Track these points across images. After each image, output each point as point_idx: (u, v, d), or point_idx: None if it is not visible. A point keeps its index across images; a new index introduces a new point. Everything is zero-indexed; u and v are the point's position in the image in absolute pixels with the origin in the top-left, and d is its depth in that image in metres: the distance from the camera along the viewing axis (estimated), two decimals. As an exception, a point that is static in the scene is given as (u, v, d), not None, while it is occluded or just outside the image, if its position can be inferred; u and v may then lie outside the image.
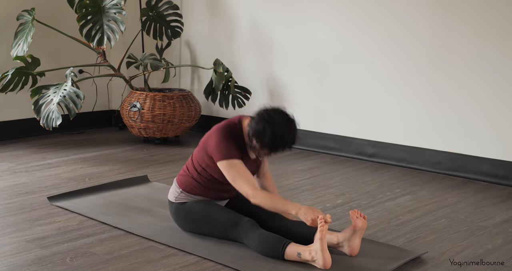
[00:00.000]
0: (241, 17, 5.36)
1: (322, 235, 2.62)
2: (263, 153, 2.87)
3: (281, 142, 2.76)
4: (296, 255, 2.69)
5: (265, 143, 2.77)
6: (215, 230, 2.93)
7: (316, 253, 2.64)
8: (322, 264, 2.63)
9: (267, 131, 2.74)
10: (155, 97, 4.99)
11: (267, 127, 2.75)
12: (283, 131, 2.75)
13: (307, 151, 5.05)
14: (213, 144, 2.87)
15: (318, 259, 2.64)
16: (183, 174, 3.05)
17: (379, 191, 3.94)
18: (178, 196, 3.03)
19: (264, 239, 2.76)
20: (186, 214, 2.99)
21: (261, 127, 2.76)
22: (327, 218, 2.65)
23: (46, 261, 2.70)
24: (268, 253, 2.74)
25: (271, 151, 2.81)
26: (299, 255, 2.68)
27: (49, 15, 5.30)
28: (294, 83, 5.11)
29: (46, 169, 4.32)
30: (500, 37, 4.05)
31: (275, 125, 2.75)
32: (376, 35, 4.60)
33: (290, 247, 2.71)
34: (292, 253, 2.70)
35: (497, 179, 4.16)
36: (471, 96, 4.22)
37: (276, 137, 2.74)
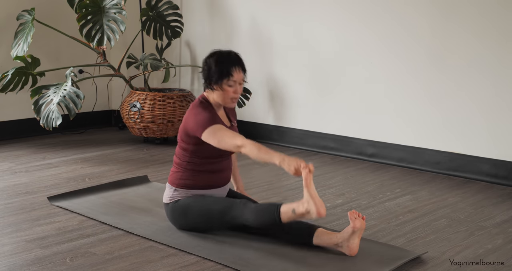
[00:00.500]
0: (241, 17, 5.36)
1: (307, 183, 2.64)
2: (227, 88, 2.95)
3: (226, 62, 2.94)
4: (291, 213, 2.71)
5: (216, 73, 2.93)
6: (213, 219, 2.94)
7: (308, 202, 2.65)
8: (316, 212, 2.64)
9: (211, 64, 2.96)
10: (155, 97, 4.99)
11: (210, 61, 2.97)
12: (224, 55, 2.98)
13: (307, 151, 5.05)
14: (191, 122, 2.96)
15: (311, 207, 2.64)
16: (173, 171, 3.09)
17: (379, 191, 3.95)
18: (172, 195, 3.05)
19: (258, 209, 2.80)
20: (182, 211, 3.00)
21: (206, 66, 2.98)
22: (310, 166, 2.64)
23: (46, 261, 2.70)
24: (265, 221, 2.77)
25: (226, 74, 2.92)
26: (294, 211, 2.70)
27: (49, 15, 5.30)
28: (294, 83, 5.11)
29: (46, 169, 4.32)
30: (500, 37, 4.05)
31: (215, 56, 2.98)
32: (375, 36, 4.60)
33: (284, 207, 2.74)
34: (287, 212, 2.72)
35: (497, 179, 4.16)
36: (471, 96, 4.22)
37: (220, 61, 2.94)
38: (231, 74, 2.94)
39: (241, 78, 2.99)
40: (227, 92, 2.96)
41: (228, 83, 2.95)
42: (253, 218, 2.81)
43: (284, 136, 5.22)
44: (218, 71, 2.94)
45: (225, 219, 2.91)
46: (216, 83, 2.95)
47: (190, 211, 2.98)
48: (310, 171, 2.64)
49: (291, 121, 5.18)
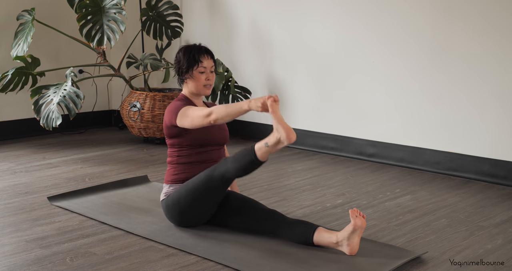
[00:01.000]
0: (241, 17, 5.36)
1: (273, 109, 2.68)
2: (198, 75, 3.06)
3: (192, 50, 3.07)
4: (265, 147, 2.75)
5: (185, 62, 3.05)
6: (201, 188, 2.95)
7: (277, 131, 2.70)
8: (286, 137, 2.68)
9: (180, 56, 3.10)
10: (155, 97, 4.99)
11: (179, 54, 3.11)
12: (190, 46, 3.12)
13: (307, 151, 5.05)
14: (166, 114, 3.07)
15: (281, 134, 2.69)
16: (167, 170, 3.17)
17: (379, 191, 3.95)
18: (167, 191, 3.11)
19: (236, 157, 2.86)
20: (173, 199, 3.04)
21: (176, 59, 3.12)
22: (274, 96, 2.69)
23: (46, 261, 2.70)
24: (245, 164, 2.82)
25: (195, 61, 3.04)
26: (266, 144, 2.75)
27: (49, 15, 5.30)
28: (294, 83, 5.11)
29: (46, 169, 4.32)
30: (500, 38, 4.06)
31: (183, 49, 3.12)
32: (375, 36, 4.60)
33: (257, 144, 2.79)
34: (260, 147, 2.77)
35: (497, 179, 4.16)
36: (471, 96, 4.22)
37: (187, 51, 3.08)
38: (200, 60, 3.06)
39: (211, 65, 3.11)
40: (199, 80, 3.08)
41: (198, 70, 3.07)
42: (236, 167, 2.85)
43: (284, 136, 5.21)
44: (187, 60, 3.07)
45: (213, 181, 2.93)
46: (187, 71, 3.08)
47: (181, 195, 3.02)
48: (275, 100, 2.69)
49: (291, 121, 5.17)
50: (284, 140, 2.69)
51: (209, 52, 3.13)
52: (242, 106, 2.77)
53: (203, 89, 3.10)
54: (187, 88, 3.14)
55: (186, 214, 3.04)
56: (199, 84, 3.09)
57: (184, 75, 3.10)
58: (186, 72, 3.08)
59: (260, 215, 2.97)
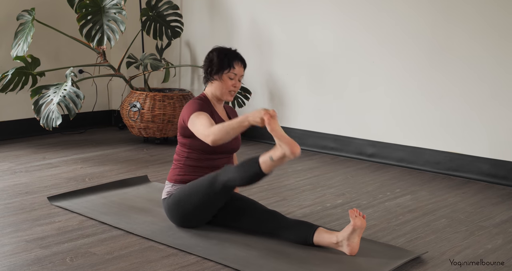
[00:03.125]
0: (241, 17, 5.36)
1: (272, 127, 2.66)
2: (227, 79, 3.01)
3: (228, 54, 3.03)
4: (270, 160, 2.72)
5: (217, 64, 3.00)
6: (203, 194, 2.94)
7: (280, 146, 2.68)
8: (290, 151, 2.66)
9: (213, 56, 3.04)
10: (155, 97, 4.99)
11: (212, 54, 3.06)
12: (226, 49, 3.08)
13: (307, 151, 5.05)
14: (184, 113, 3.02)
15: (285, 149, 2.66)
16: (172, 168, 3.15)
17: (379, 191, 3.95)
18: (170, 190, 3.09)
19: (240, 167, 2.83)
20: (174, 199, 3.03)
21: (208, 59, 3.07)
22: (270, 111, 2.67)
23: (46, 261, 2.70)
24: (249, 175, 2.79)
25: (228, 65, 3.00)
26: (271, 158, 2.72)
27: (49, 15, 5.30)
28: (294, 83, 5.11)
29: (46, 169, 4.32)
30: (499, 38, 4.06)
31: (217, 50, 3.08)
32: (375, 36, 4.60)
33: (262, 157, 2.76)
34: (265, 161, 2.74)
35: (497, 179, 4.16)
36: (471, 96, 4.22)
37: (222, 54, 3.04)
38: (233, 66, 3.02)
39: (241, 73, 3.07)
40: (226, 84, 3.03)
41: (228, 75, 3.03)
42: (239, 177, 2.83)
43: (284, 136, 5.21)
44: (220, 62, 3.02)
45: (214, 188, 2.91)
46: (216, 73, 3.03)
47: (182, 197, 3.00)
48: (271, 116, 2.67)
49: (291, 121, 5.18)
50: (289, 154, 2.67)
51: (243, 61, 3.09)
52: (242, 123, 2.73)
53: (227, 94, 3.06)
54: (210, 90, 3.09)
55: (187, 216, 3.04)
56: (225, 89, 3.04)
57: (213, 76, 3.05)
58: (215, 73, 3.03)
59: (260, 216, 2.97)
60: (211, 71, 3.05)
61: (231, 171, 2.87)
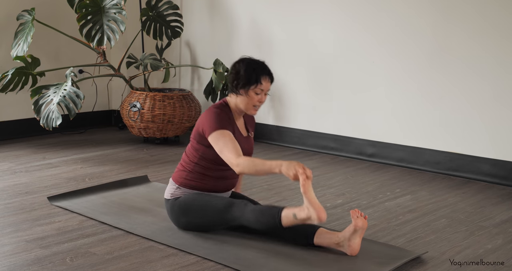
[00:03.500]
0: (241, 17, 5.36)
1: (305, 189, 2.63)
2: (253, 94, 2.93)
3: (256, 69, 2.94)
4: (292, 217, 2.71)
5: (244, 77, 2.91)
6: (212, 217, 2.93)
7: (307, 209, 2.65)
8: (316, 217, 2.64)
9: (240, 68, 2.95)
10: (155, 97, 4.99)
11: (240, 66, 2.97)
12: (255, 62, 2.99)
13: (307, 151, 5.05)
14: (203, 121, 2.95)
15: (311, 213, 2.64)
16: (179, 169, 3.08)
17: (379, 191, 3.95)
18: (174, 192, 3.06)
19: (260, 211, 2.79)
20: (181, 207, 3.00)
21: (235, 70, 2.97)
22: (307, 172, 2.62)
23: (46, 261, 2.70)
24: (266, 224, 2.77)
25: (255, 81, 2.91)
26: (295, 216, 2.70)
27: (49, 15, 5.30)
28: (294, 83, 5.11)
29: (46, 169, 4.32)
30: (500, 38, 4.06)
31: (245, 61, 2.98)
32: (375, 35, 4.60)
33: (285, 211, 2.73)
34: (288, 216, 2.72)
35: (497, 179, 4.16)
36: (471, 96, 4.22)
37: (250, 67, 2.94)
38: (260, 82, 2.92)
39: (268, 88, 2.97)
40: (252, 99, 2.95)
41: (255, 90, 2.94)
42: (254, 219, 2.81)
43: (284, 136, 5.22)
44: (248, 76, 2.92)
45: (225, 218, 2.91)
46: (243, 88, 2.93)
47: (190, 209, 2.98)
48: (308, 177, 2.62)
49: (291, 121, 5.18)
50: (315, 219, 2.65)
51: (271, 75, 2.99)
52: (272, 169, 2.69)
53: (251, 109, 2.98)
54: (234, 101, 2.99)
55: (190, 225, 3.03)
56: (249, 104, 2.96)
57: (238, 90, 2.95)
58: (241, 88, 2.93)
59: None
60: (237, 85, 2.95)
61: (249, 210, 2.83)
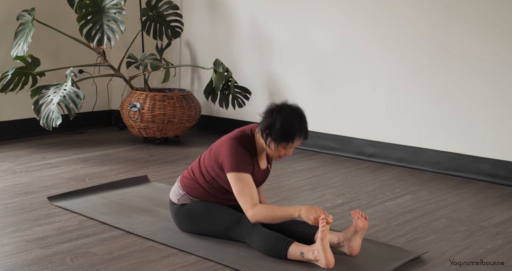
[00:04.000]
0: (241, 17, 5.36)
1: (323, 235, 2.62)
2: (281, 149, 2.80)
3: (293, 127, 2.74)
4: (299, 255, 2.69)
5: (278, 133, 2.74)
6: (217, 229, 2.93)
7: (318, 252, 2.64)
8: (325, 264, 2.64)
9: (277, 120, 2.74)
10: (155, 97, 4.99)
11: (277, 117, 2.75)
12: (293, 117, 2.77)
13: (307, 151, 5.05)
14: (224, 154, 2.83)
15: (321, 259, 2.64)
16: (188, 177, 3.01)
17: (379, 191, 3.95)
18: (181, 198, 3.02)
19: (267, 238, 2.75)
20: (187, 216, 2.99)
21: (271, 119, 2.76)
22: (328, 218, 2.63)
23: (46, 261, 2.70)
24: (270, 253, 2.74)
25: (287, 140, 2.75)
26: (302, 254, 2.68)
27: (49, 15, 5.30)
28: (294, 83, 5.11)
29: (46, 169, 4.32)
30: (500, 37, 4.05)
31: (284, 113, 2.76)
32: (375, 35, 4.60)
33: (293, 246, 2.70)
34: (295, 252, 2.70)
35: (497, 179, 4.16)
36: (471, 96, 4.22)
37: (287, 123, 2.74)
38: (293, 141, 2.77)
39: (299, 144, 2.84)
40: (279, 152, 2.84)
41: (285, 147, 2.81)
42: (258, 244, 2.78)
43: (284, 136, 5.21)
44: (281, 134, 2.75)
45: (230, 233, 2.90)
46: (273, 141, 2.79)
47: (196, 218, 2.97)
48: (328, 223, 2.63)
49: (291, 121, 5.17)
50: (323, 266, 2.65)
51: (306, 132, 2.80)
52: (291, 215, 2.69)
53: (276, 157, 2.87)
54: (261, 143, 2.85)
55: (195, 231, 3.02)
56: (275, 155, 2.85)
57: (268, 141, 2.79)
58: (272, 141, 2.78)
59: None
60: (268, 136, 2.78)
61: (256, 233, 2.79)
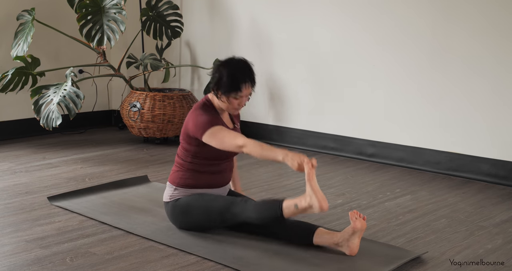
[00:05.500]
0: (241, 17, 5.36)
1: (310, 177, 2.66)
2: (233, 100, 2.93)
3: (238, 77, 2.90)
4: (294, 208, 2.72)
5: (225, 85, 2.89)
6: (212, 216, 2.94)
7: (310, 197, 2.67)
8: (318, 206, 2.66)
9: (223, 74, 2.91)
10: (155, 97, 4.99)
11: (223, 71, 2.92)
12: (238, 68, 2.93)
13: (307, 151, 5.05)
14: (192, 124, 2.96)
15: (313, 202, 2.66)
16: (174, 171, 3.10)
17: (379, 191, 3.95)
18: (172, 193, 3.06)
19: (260, 206, 2.82)
20: (182, 208, 3.01)
21: (218, 74, 2.93)
22: (313, 161, 2.66)
23: (46, 261, 2.70)
24: (267, 217, 2.77)
25: (235, 89, 2.89)
26: (296, 206, 2.72)
27: (49, 15, 5.30)
28: (294, 83, 5.11)
29: (46, 169, 4.32)
30: (500, 38, 4.05)
31: (228, 66, 2.93)
32: (375, 36, 4.60)
33: (286, 202, 2.75)
34: (289, 207, 2.73)
35: (497, 179, 4.16)
36: (471, 96, 4.22)
37: (232, 74, 2.90)
38: (240, 90, 2.92)
39: (249, 92, 2.98)
40: (232, 104, 2.96)
41: (235, 96, 2.93)
42: (255, 215, 2.82)
43: (284, 136, 5.22)
44: (228, 84, 2.90)
45: (225, 216, 2.92)
46: (223, 94, 2.93)
47: (190, 209, 2.99)
48: (313, 166, 2.65)
49: (291, 121, 5.18)
50: (316, 208, 2.67)
51: (253, 79, 2.96)
52: (276, 156, 2.71)
53: (232, 111, 3.01)
54: (217, 102, 3.00)
55: (190, 225, 3.04)
56: (229, 107, 2.97)
57: (219, 95, 2.95)
58: (222, 94, 2.93)
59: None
60: (218, 90, 2.94)
61: (249, 206, 2.84)
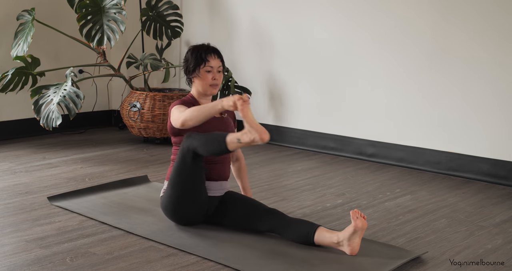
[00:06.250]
0: (241, 17, 5.36)
1: (244, 113, 2.70)
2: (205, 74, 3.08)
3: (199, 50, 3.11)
4: (237, 142, 2.76)
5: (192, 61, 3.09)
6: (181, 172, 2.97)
7: (250, 131, 2.71)
8: (259, 138, 2.70)
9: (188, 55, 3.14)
10: (155, 97, 4.99)
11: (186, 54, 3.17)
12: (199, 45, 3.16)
13: (307, 151, 5.05)
14: (170, 115, 3.05)
15: (254, 135, 2.70)
16: (169, 167, 3.16)
17: (379, 191, 3.95)
18: (165, 188, 3.12)
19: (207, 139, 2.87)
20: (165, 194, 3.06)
21: (184, 59, 3.17)
22: (243, 96, 2.71)
23: (46, 261, 2.70)
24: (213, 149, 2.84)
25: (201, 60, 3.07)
26: (239, 140, 2.76)
27: (49, 15, 5.30)
28: (294, 83, 5.11)
29: (46, 169, 4.32)
30: (499, 38, 4.06)
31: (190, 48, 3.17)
32: (375, 36, 4.60)
33: (229, 137, 2.80)
34: (233, 141, 2.78)
35: (497, 179, 4.16)
36: (471, 96, 4.22)
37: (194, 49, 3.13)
38: (207, 59, 3.09)
39: (218, 65, 3.13)
40: (205, 78, 3.10)
41: (205, 69, 3.10)
42: (204, 149, 2.87)
43: (284, 136, 5.22)
44: (194, 59, 3.10)
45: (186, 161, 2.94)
46: (194, 71, 3.11)
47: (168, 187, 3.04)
48: (244, 101, 2.71)
49: (291, 121, 5.18)
50: (258, 140, 2.72)
51: (217, 52, 3.16)
52: (215, 106, 2.80)
53: (210, 88, 3.13)
54: (195, 88, 3.18)
55: (179, 205, 3.03)
56: (205, 84, 3.11)
57: (191, 74, 3.13)
58: (193, 71, 3.11)
59: (261, 215, 2.97)
60: (189, 71, 3.13)
61: (196, 139, 2.90)
